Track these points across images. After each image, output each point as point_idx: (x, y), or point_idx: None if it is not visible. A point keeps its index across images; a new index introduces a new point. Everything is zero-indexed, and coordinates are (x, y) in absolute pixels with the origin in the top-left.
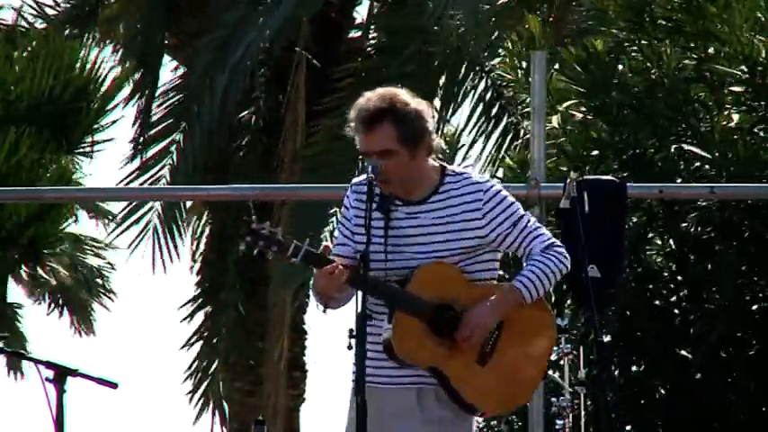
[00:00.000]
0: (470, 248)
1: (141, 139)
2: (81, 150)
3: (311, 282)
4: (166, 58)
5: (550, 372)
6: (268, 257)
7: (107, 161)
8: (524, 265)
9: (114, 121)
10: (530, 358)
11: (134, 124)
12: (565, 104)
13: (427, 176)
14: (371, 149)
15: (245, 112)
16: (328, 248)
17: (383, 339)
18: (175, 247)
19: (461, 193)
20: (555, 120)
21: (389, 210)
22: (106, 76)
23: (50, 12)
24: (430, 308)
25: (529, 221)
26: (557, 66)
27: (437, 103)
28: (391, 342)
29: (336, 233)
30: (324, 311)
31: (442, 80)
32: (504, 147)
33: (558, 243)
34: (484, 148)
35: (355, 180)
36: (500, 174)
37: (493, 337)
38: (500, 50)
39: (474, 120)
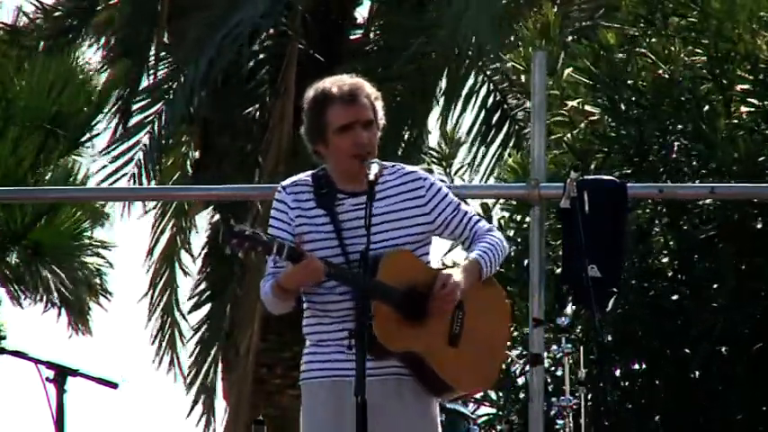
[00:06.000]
0: (418, 235)
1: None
2: (78, 150)
3: (266, 283)
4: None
5: (551, 370)
6: (252, 257)
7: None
8: (472, 245)
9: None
10: (495, 334)
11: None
12: (572, 102)
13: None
14: (360, 118)
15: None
16: (301, 239)
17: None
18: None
19: (401, 182)
20: (563, 113)
21: (334, 204)
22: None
23: (49, 11)
24: (400, 295)
25: (468, 209)
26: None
27: (436, 103)
28: (373, 332)
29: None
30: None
31: (443, 80)
32: (506, 146)
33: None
34: (485, 148)
35: (286, 182)
36: (500, 173)
37: (459, 318)
38: (512, 39)
39: (473, 119)
